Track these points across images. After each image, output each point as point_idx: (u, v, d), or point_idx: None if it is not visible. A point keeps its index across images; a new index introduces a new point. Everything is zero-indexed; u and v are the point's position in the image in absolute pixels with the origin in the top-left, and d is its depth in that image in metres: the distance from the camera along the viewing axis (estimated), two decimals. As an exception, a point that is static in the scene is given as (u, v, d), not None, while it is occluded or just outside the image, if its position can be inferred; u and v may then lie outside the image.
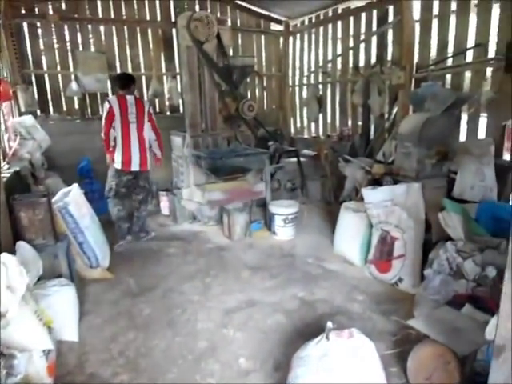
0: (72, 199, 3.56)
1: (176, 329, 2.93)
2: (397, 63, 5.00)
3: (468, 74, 4.25)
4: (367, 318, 3.00)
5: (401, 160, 3.78)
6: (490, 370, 2.06)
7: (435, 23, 4.55)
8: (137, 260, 4.17)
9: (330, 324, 2.34)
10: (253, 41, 7.14)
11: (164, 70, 6.46)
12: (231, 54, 5.37)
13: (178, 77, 6.31)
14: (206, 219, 5.19)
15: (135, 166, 4.52)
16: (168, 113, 6.61)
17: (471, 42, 4.16)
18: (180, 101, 6.34)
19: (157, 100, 6.41)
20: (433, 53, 4.64)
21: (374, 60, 5.52)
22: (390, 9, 5.10)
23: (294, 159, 5.99)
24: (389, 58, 5.29)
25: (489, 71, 4.06)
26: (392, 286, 3.43)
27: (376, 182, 3.75)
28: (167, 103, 6.51)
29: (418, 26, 4.76)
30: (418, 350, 2.24)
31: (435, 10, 4.52)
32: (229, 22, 5.07)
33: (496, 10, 3.87)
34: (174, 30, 6.25)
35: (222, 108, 5.17)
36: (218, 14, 6.39)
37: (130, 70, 6.19)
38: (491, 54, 3.95)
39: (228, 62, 4.85)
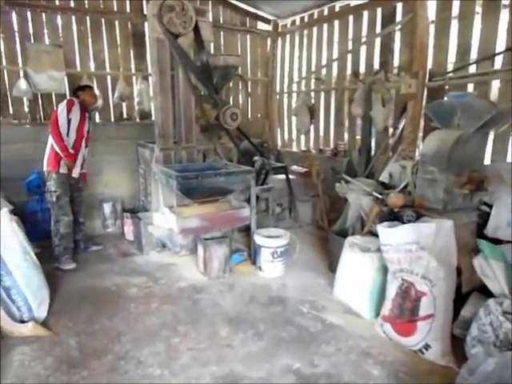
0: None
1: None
2: (406, 69, 4.29)
3: (496, 84, 3.56)
4: (391, 410, 2.20)
5: (422, 188, 3.02)
6: None
7: (454, 24, 3.85)
8: (86, 307, 3.25)
9: None
10: (237, 41, 6.36)
11: (133, 70, 5.58)
12: (212, 52, 4.54)
13: (150, 78, 5.47)
14: (178, 248, 4.29)
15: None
16: (137, 119, 5.72)
17: (501, 45, 3.47)
18: (152, 106, 5.47)
19: (124, 104, 5.52)
20: (450, 58, 3.94)
21: (377, 65, 4.80)
22: (399, 6, 4.40)
23: (282, 176, 5.20)
24: (395, 63, 4.58)
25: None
26: (415, 354, 2.64)
27: (391, 214, 2.98)
28: (136, 108, 5.62)
29: (432, 28, 4.06)
30: None
31: (455, 9, 3.83)
32: (210, 15, 4.25)
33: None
34: (145, 24, 5.42)
35: (200, 115, 4.34)
36: (198, 8, 5.59)
37: (92, 68, 5.30)
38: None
39: (207, 60, 4.03)
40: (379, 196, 3.29)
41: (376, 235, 3.30)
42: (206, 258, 3.80)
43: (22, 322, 2.93)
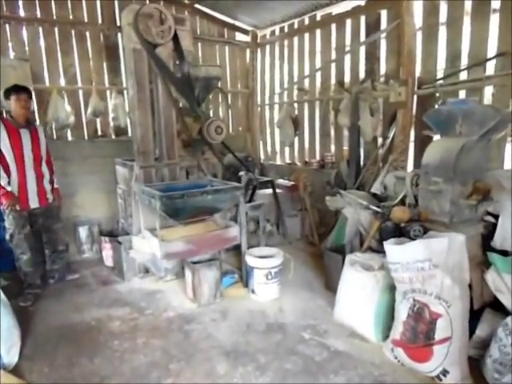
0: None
1: None
2: (393, 77, 4.18)
3: (489, 90, 3.47)
4: None
5: (426, 200, 2.86)
6: None
7: (442, 30, 3.77)
8: (64, 347, 2.90)
9: None
10: (215, 52, 6.15)
11: (107, 84, 5.27)
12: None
13: (126, 92, 5.18)
14: (163, 273, 3.98)
15: None
16: (113, 136, 5.38)
17: (492, 50, 3.39)
18: (128, 121, 5.17)
19: (98, 120, 5.19)
20: (439, 65, 3.85)
21: (362, 74, 4.68)
22: (383, 14, 4.31)
23: (268, 191, 4.98)
24: (382, 71, 4.48)
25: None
26: (432, 380, 2.44)
27: (396, 230, 2.79)
28: (112, 124, 5.28)
29: (419, 34, 3.98)
30: None
31: (443, 13, 3.75)
32: (188, 23, 4.02)
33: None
34: (119, 36, 5.15)
35: (182, 130, 4.08)
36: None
37: (62, 83, 4.96)
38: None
39: (188, 71, 3.79)
40: (378, 210, 3.11)
41: (377, 251, 3.13)
42: (194, 284, 3.51)
43: (-11, 370, 2.56)
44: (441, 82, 3.77)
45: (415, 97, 4.01)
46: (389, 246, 2.53)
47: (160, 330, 3.13)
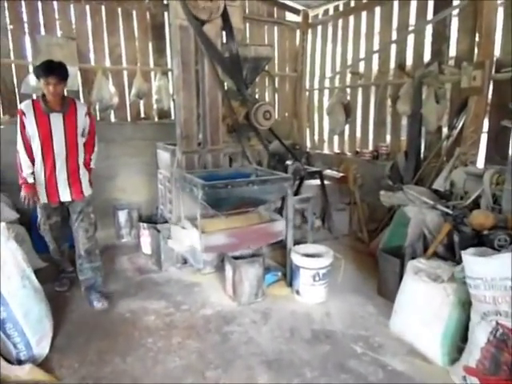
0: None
1: None
2: (465, 60, 3.68)
3: None
4: None
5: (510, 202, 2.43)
6: None
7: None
8: (96, 341, 2.74)
9: None
10: (263, 33, 5.82)
11: (152, 65, 5.09)
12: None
13: (170, 74, 4.98)
14: (201, 265, 3.77)
15: None
16: (156, 118, 5.22)
17: None
18: (171, 104, 4.98)
19: (141, 102, 5.03)
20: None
21: (427, 57, 4.19)
22: (457, -13, 3.80)
23: (314, 182, 4.63)
24: (451, 53, 3.98)
25: None
26: (513, 420, 2.05)
27: (475, 237, 2.38)
28: (155, 106, 5.12)
29: (500, 11, 3.46)
30: None
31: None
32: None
33: None
34: (165, 15, 4.93)
35: (227, 114, 3.81)
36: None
37: (107, 62, 4.82)
38: None
39: (237, 51, 3.50)
40: (450, 211, 2.70)
41: (443, 258, 2.74)
42: (235, 281, 3.26)
43: (19, 361, 2.45)
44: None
45: (491, 82, 3.50)
46: (469, 257, 2.13)
47: (197, 329, 2.90)
